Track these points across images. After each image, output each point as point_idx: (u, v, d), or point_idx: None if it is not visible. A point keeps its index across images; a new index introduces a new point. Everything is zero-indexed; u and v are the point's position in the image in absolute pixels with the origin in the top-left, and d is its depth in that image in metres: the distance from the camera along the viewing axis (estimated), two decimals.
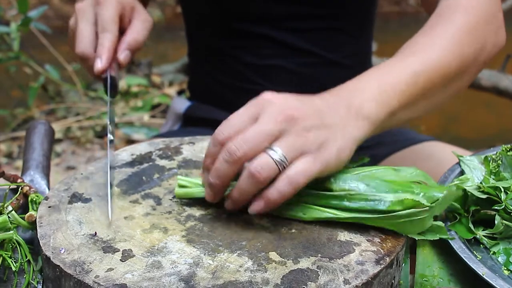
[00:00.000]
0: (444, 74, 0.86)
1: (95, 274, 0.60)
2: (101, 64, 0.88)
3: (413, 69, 0.82)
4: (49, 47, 3.64)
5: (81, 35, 0.90)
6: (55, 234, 0.67)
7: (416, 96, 0.82)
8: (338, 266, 0.62)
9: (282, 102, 0.70)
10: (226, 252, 0.65)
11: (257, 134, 0.67)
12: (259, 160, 0.66)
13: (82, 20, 0.91)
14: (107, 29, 0.89)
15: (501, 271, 0.68)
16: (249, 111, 0.70)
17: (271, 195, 0.67)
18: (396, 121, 0.82)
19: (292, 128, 0.68)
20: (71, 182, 0.79)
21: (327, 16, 1.21)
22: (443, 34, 0.89)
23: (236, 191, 0.69)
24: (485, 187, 0.74)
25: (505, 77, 2.88)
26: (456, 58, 0.87)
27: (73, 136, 3.20)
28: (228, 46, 1.24)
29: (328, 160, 0.69)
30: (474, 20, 0.91)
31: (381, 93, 0.78)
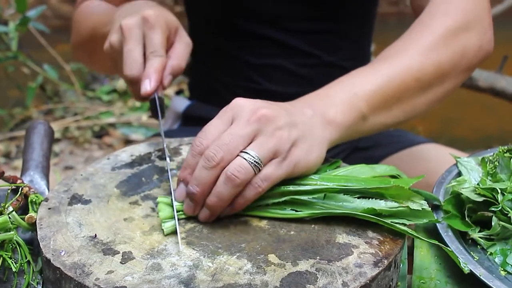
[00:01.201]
0: (419, 78, 0.86)
1: (96, 276, 0.61)
2: (150, 87, 0.86)
3: (385, 73, 0.84)
4: (47, 47, 3.64)
5: (130, 57, 0.87)
6: (55, 236, 0.68)
7: (389, 100, 0.83)
8: (337, 269, 0.63)
9: (252, 105, 0.72)
10: (226, 254, 0.65)
11: (233, 138, 0.69)
12: (235, 164, 0.68)
13: (130, 41, 0.87)
14: (157, 53, 0.87)
15: (498, 271, 0.68)
16: (223, 118, 0.72)
17: (238, 202, 0.70)
18: (370, 125, 0.83)
19: (265, 128, 0.70)
20: (71, 183, 0.79)
21: (328, 19, 1.21)
22: (419, 38, 0.89)
23: (214, 196, 0.69)
24: (481, 189, 0.74)
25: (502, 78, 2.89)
26: (431, 61, 0.87)
27: (71, 136, 3.20)
28: (229, 45, 1.25)
29: (296, 161, 0.72)
30: (454, 24, 0.91)
31: (349, 96, 0.80)
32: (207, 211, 0.71)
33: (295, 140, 0.72)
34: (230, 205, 0.71)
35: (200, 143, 0.71)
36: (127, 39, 0.86)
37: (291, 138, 0.71)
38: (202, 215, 0.71)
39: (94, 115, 3.37)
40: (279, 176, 0.71)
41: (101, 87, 3.71)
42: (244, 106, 0.72)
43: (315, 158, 0.74)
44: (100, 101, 3.58)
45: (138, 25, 0.87)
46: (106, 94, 3.63)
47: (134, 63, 0.86)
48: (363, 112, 0.81)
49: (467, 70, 0.94)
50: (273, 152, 0.70)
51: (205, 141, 0.71)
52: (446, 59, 0.89)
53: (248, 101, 0.73)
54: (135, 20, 0.87)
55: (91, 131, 3.25)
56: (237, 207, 0.71)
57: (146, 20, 0.87)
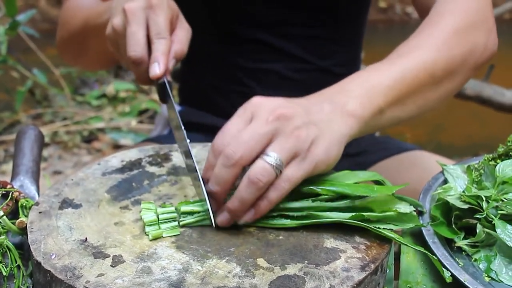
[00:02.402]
0: (432, 73, 0.87)
1: (86, 279, 0.61)
2: (159, 69, 0.86)
3: (400, 68, 0.85)
4: (37, 51, 3.63)
5: (134, 38, 0.86)
6: (46, 240, 0.68)
7: (404, 94, 0.84)
8: (324, 273, 0.64)
9: (271, 104, 0.72)
10: (215, 258, 0.66)
11: (252, 136, 0.69)
12: (256, 167, 0.68)
13: (134, 23, 0.86)
14: (162, 35, 0.87)
15: (482, 278, 0.70)
16: (242, 117, 0.72)
17: (263, 205, 0.70)
18: (386, 120, 0.84)
19: (283, 127, 0.70)
20: (62, 188, 0.80)
21: (321, 26, 1.23)
22: (430, 35, 0.91)
23: (236, 200, 0.69)
24: (466, 197, 0.76)
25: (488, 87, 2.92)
26: (443, 57, 0.89)
27: (60, 141, 3.19)
28: (222, 50, 1.26)
29: (317, 160, 0.72)
30: (462, 22, 0.93)
31: (367, 91, 0.80)
32: (227, 215, 0.71)
33: (314, 138, 0.72)
34: (252, 210, 0.70)
35: (219, 142, 0.71)
36: (130, 21, 0.86)
37: (309, 137, 0.71)
38: (222, 218, 0.71)
39: (83, 120, 3.36)
40: (300, 177, 0.71)
41: (90, 92, 3.71)
42: (263, 105, 0.72)
43: (335, 156, 0.74)
44: (89, 106, 3.58)
45: (141, 8, 0.87)
46: (95, 99, 3.63)
47: (137, 44, 0.86)
48: (381, 106, 0.81)
49: (475, 67, 0.96)
50: (293, 153, 0.70)
51: (224, 140, 0.71)
52: (457, 55, 0.91)
53: (267, 99, 0.73)
54: (139, 3, 0.87)
55: (80, 136, 3.25)
56: (261, 210, 0.70)
57: (149, 3, 0.87)
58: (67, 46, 1.20)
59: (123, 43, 0.88)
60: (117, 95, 3.60)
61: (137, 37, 0.86)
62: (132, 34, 0.86)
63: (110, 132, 3.23)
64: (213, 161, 0.72)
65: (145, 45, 0.87)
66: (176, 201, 0.78)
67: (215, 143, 0.72)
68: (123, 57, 0.90)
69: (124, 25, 0.87)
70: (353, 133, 0.77)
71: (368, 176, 0.80)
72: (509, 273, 0.70)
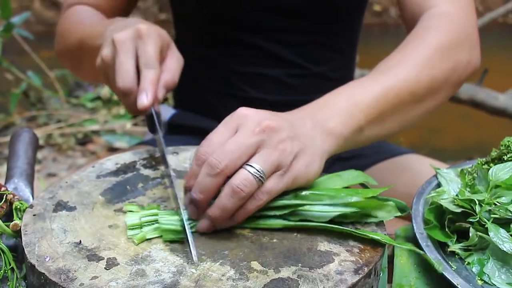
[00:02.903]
0: (414, 91, 0.88)
1: (80, 282, 0.61)
2: (147, 100, 0.85)
3: (383, 85, 0.85)
4: (31, 53, 3.62)
5: (123, 69, 0.85)
6: (40, 242, 0.68)
7: (385, 112, 0.85)
8: (318, 276, 0.64)
9: (257, 115, 0.73)
10: (209, 261, 0.66)
11: (238, 146, 0.70)
12: (240, 177, 0.69)
13: (123, 53, 0.86)
14: (151, 66, 0.86)
15: (475, 281, 0.70)
16: (227, 127, 0.73)
17: (239, 214, 0.71)
18: (365, 137, 0.85)
19: (269, 140, 0.71)
20: (56, 190, 0.80)
21: (316, 31, 1.23)
22: (414, 52, 0.92)
23: (217, 209, 0.70)
24: (459, 201, 0.76)
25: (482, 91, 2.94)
26: (426, 76, 0.90)
27: (55, 143, 3.19)
28: (216, 53, 1.26)
29: (297, 174, 0.73)
30: (447, 39, 0.94)
31: (348, 107, 0.81)
32: (208, 222, 0.71)
33: (297, 153, 0.73)
34: (231, 218, 0.71)
35: (204, 151, 0.71)
36: (119, 52, 0.86)
37: (293, 151, 0.72)
38: (202, 225, 0.71)
39: (78, 122, 3.36)
40: (279, 190, 0.72)
41: (85, 94, 3.70)
42: (249, 116, 0.73)
43: (315, 171, 0.75)
44: (84, 108, 3.58)
45: (131, 38, 0.86)
46: (90, 102, 3.63)
47: (126, 75, 0.85)
48: (361, 124, 0.82)
49: (457, 84, 0.97)
50: (276, 166, 0.71)
51: (209, 149, 0.71)
52: (440, 73, 0.92)
53: (253, 111, 0.74)
54: (128, 33, 0.87)
55: (74, 138, 3.25)
56: (238, 219, 0.71)
57: (139, 33, 0.86)
58: (64, 58, 1.20)
59: (113, 73, 0.87)
60: (111, 98, 3.60)
61: (125, 67, 0.85)
62: (121, 64, 0.86)
63: (105, 134, 3.23)
64: (197, 170, 0.72)
65: (134, 76, 0.86)
66: (170, 204, 0.78)
67: (199, 152, 0.72)
68: (113, 88, 0.90)
69: (113, 56, 0.87)
70: (332, 150, 0.79)
71: (353, 177, 0.80)
72: (502, 276, 0.70)
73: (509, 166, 0.76)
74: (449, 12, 1.00)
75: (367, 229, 0.73)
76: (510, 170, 0.76)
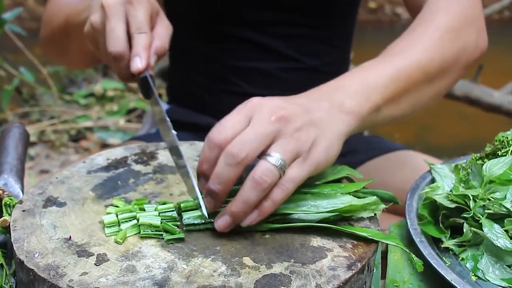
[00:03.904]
0: (426, 71, 0.88)
1: (69, 278, 0.61)
2: (141, 63, 0.83)
3: (396, 66, 0.85)
4: (24, 50, 3.60)
5: (114, 34, 0.84)
6: (29, 238, 0.67)
7: (400, 92, 0.84)
8: (311, 271, 0.63)
9: (272, 104, 0.72)
10: (201, 257, 0.65)
11: (256, 135, 0.68)
12: (261, 167, 0.67)
13: (113, 18, 0.84)
14: (143, 30, 0.85)
15: (469, 277, 0.70)
16: (241, 114, 0.71)
17: (267, 205, 0.69)
18: (382, 117, 0.84)
19: (284, 129, 0.70)
20: (46, 186, 0.79)
21: (310, 25, 1.23)
22: (424, 33, 0.91)
23: (240, 202, 0.68)
24: (453, 196, 0.75)
25: (477, 87, 2.94)
26: (437, 55, 0.90)
27: (47, 140, 3.17)
28: (211, 48, 1.25)
29: (318, 161, 0.71)
30: (455, 21, 0.94)
31: (363, 88, 0.80)
32: (229, 218, 0.69)
33: (314, 139, 0.72)
34: (256, 211, 0.69)
35: (218, 135, 0.70)
36: (109, 17, 0.84)
37: (310, 138, 0.71)
38: (222, 223, 0.69)
39: (71, 119, 3.35)
40: (303, 177, 0.70)
41: (78, 91, 3.69)
42: (264, 105, 0.71)
43: (334, 154, 0.75)
44: (77, 105, 3.56)
45: (120, 3, 0.85)
46: (83, 98, 3.61)
47: (118, 40, 0.84)
48: (378, 104, 0.81)
49: (466, 66, 0.97)
50: (295, 154, 0.70)
51: (223, 134, 0.69)
52: (450, 53, 0.92)
53: (267, 99, 0.73)
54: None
55: (67, 135, 3.23)
56: (266, 211, 0.69)
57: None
58: (49, 45, 1.18)
59: (103, 40, 0.86)
60: (105, 94, 3.59)
61: (117, 32, 0.84)
62: (112, 29, 0.84)
63: (98, 131, 3.21)
64: (209, 154, 0.70)
65: (125, 40, 0.85)
66: (161, 199, 0.77)
67: (212, 136, 0.70)
68: (103, 54, 0.88)
69: (103, 22, 0.86)
70: (351, 130, 0.77)
71: (337, 171, 0.80)
72: (496, 272, 0.70)
73: (503, 161, 0.76)
74: None
75: (360, 224, 0.72)
76: (504, 165, 0.75)
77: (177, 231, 0.69)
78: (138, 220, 0.70)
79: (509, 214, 0.72)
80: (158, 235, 0.69)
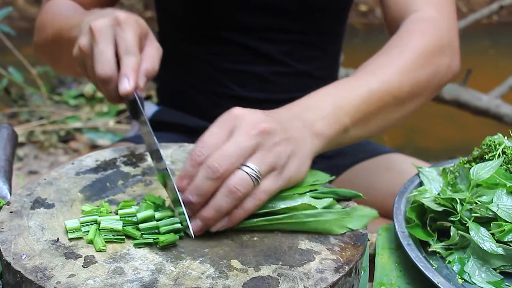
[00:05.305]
0: (396, 95, 0.90)
1: (57, 280, 0.60)
2: (129, 85, 0.82)
3: (368, 87, 0.87)
4: (13, 49, 3.58)
5: (102, 57, 0.83)
6: (16, 240, 0.67)
7: (369, 114, 0.87)
8: (298, 274, 0.64)
9: (252, 117, 0.73)
10: (189, 259, 0.65)
11: (236, 150, 0.69)
12: (236, 177, 0.68)
13: (102, 41, 0.83)
14: (131, 52, 0.84)
15: (456, 279, 0.70)
16: (222, 127, 0.72)
17: (238, 213, 0.70)
18: (349, 138, 0.86)
19: (265, 142, 0.71)
20: (34, 187, 0.79)
21: (301, 31, 1.24)
22: (399, 56, 0.93)
23: (212, 209, 0.69)
24: (441, 199, 0.76)
25: (466, 91, 2.95)
26: (410, 79, 0.92)
27: (36, 140, 3.15)
28: (202, 51, 1.25)
29: (291, 175, 0.74)
30: (430, 44, 0.96)
31: (334, 109, 0.82)
32: (200, 223, 0.70)
33: (290, 155, 0.74)
34: (226, 218, 0.70)
35: (200, 153, 0.70)
36: (97, 40, 0.84)
37: (286, 153, 0.73)
38: (194, 226, 0.70)
39: (60, 120, 3.33)
40: (276, 189, 0.72)
41: (68, 92, 3.67)
42: (245, 118, 0.72)
43: (305, 171, 0.77)
44: (67, 106, 3.54)
45: (109, 26, 0.85)
46: (73, 99, 3.60)
47: (106, 62, 0.83)
48: (347, 125, 0.83)
49: (438, 88, 0.99)
50: (272, 167, 0.71)
51: (205, 151, 0.70)
52: (422, 78, 0.94)
53: (247, 112, 0.73)
54: (106, 21, 0.85)
55: (56, 136, 3.21)
56: (236, 219, 0.70)
57: (117, 20, 0.84)
58: (42, 51, 1.18)
59: (91, 63, 0.85)
60: (95, 95, 3.57)
61: (105, 55, 0.83)
62: (100, 52, 0.83)
63: (88, 132, 3.20)
64: (191, 171, 0.71)
65: (114, 63, 0.84)
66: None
67: (194, 153, 0.71)
68: (91, 77, 0.88)
69: (91, 45, 0.85)
70: (318, 150, 0.80)
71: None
72: (482, 275, 0.70)
73: (490, 165, 0.76)
74: (433, 17, 1.02)
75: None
76: (491, 169, 0.76)
77: (138, 235, 0.69)
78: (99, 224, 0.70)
79: (495, 218, 0.73)
80: (119, 239, 0.69)
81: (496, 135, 0.85)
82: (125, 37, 0.84)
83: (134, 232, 0.69)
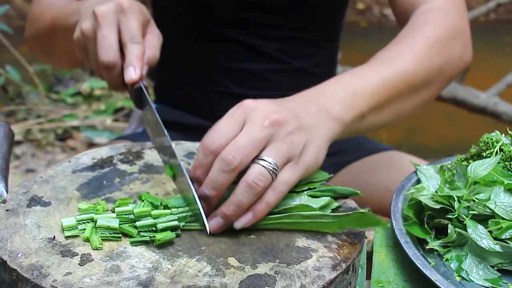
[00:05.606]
0: (410, 83, 0.90)
1: (53, 278, 0.60)
2: (135, 74, 0.83)
3: (383, 76, 0.87)
4: (10, 48, 3.57)
5: (106, 43, 0.83)
6: (13, 238, 0.67)
7: (384, 102, 0.86)
8: (296, 272, 0.63)
9: (264, 108, 0.72)
10: (185, 257, 0.65)
11: (249, 141, 0.69)
12: (254, 171, 0.68)
13: (105, 27, 0.83)
14: (136, 40, 0.84)
15: (453, 277, 0.70)
16: (234, 118, 0.72)
17: (260, 208, 0.69)
18: (365, 125, 0.86)
19: (278, 133, 0.71)
20: (30, 185, 0.78)
21: (299, 28, 1.23)
22: (412, 45, 0.94)
23: (232, 205, 0.68)
24: (438, 197, 0.76)
25: (463, 89, 2.95)
26: (423, 68, 0.92)
27: (34, 139, 3.15)
28: (199, 48, 1.25)
29: (308, 164, 0.73)
30: (442, 33, 0.96)
31: (350, 96, 0.82)
32: (221, 220, 0.69)
33: (305, 143, 0.73)
34: (250, 213, 0.69)
35: (212, 141, 0.70)
36: (101, 25, 0.83)
37: (301, 142, 0.73)
38: (215, 224, 0.69)
39: (58, 118, 3.32)
40: (295, 180, 0.72)
41: (65, 90, 3.66)
42: (257, 109, 0.72)
43: (322, 158, 0.76)
44: (64, 104, 3.54)
45: (113, 11, 0.84)
46: (70, 97, 3.59)
47: (110, 49, 0.83)
48: (363, 112, 0.83)
49: (450, 78, 0.99)
50: (287, 158, 0.71)
51: (218, 140, 0.70)
52: (436, 66, 0.94)
53: (259, 103, 0.73)
54: (110, 7, 0.84)
55: (54, 134, 3.21)
56: (260, 213, 0.70)
57: (121, 7, 0.84)
58: (35, 43, 1.17)
59: (93, 47, 0.85)
60: (92, 93, 3.57)
61: (109, 41, 0.83)
62: (104, 38, 0.83)
63: (85, 130, 3.20)
64: (204, 160, 0.71)
65: (117, 50, 0.84)
66: None
67: (206, 142, 0.71)
68: (92, 62, 0.87)
69: (94, 29, 0.84)
70: (335, 136, 0.79)
71: None
72: (480, 272, 0.70)
73: (488, 162, 0.76)
74: (443, 7, 1.02)
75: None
76: (489, 167, 0.76)
77: (135, 233, 0.68)
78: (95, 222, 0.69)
79: (493, 215, 0.73)
80: (116, 237, 0.68)
81: (493, 133, 0.85)
82: (129, 25, 0.84)
83: (131, 230, 0.69)
